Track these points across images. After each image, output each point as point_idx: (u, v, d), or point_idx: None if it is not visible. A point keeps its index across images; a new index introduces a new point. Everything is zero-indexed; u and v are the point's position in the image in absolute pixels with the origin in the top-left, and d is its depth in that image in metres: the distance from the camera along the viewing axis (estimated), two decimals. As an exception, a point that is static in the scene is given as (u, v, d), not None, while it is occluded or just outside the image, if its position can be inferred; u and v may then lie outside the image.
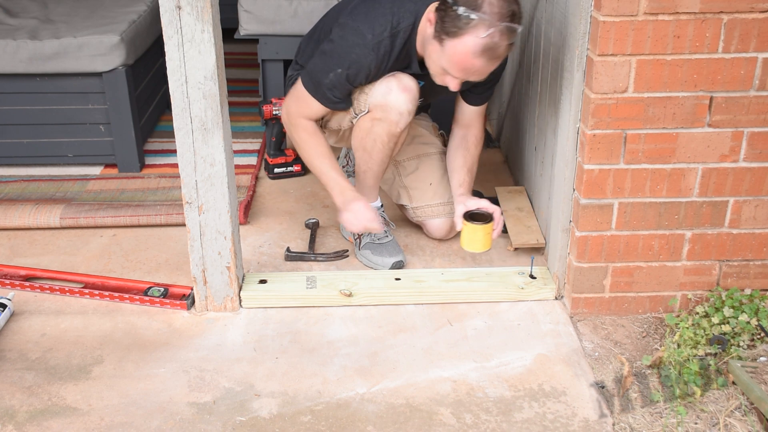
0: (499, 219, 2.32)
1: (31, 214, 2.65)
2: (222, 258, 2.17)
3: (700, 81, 1.95)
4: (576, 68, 2.02)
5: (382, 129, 2.29)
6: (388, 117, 2.26)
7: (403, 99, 2.24)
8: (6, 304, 2.17)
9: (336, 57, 2.22)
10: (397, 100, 2.24)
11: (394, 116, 2.26)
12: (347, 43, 2.20)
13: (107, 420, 1.83)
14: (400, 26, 2.18)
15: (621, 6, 1.86)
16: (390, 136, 2.31)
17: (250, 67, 4.25)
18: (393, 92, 2.24)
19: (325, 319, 2.20)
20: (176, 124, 2.01)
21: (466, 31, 1.96)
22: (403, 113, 2.26)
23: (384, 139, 2.31)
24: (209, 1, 1.89)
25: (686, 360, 1.96)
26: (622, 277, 2.17)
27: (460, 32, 1.97)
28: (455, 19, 1.96)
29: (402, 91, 2.24)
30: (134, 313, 2.23)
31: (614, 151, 2.01)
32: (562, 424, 1.83)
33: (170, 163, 3.17)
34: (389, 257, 2.42)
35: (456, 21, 1.96)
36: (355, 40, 2.18)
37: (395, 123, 2.28)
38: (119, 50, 2.91)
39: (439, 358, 2.05)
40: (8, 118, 2.99)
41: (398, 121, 2.27)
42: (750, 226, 2.12)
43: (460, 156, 2.48)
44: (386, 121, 2.27)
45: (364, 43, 2.17)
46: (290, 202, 2.88)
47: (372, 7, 2.22)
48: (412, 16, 2.18)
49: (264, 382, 1.96)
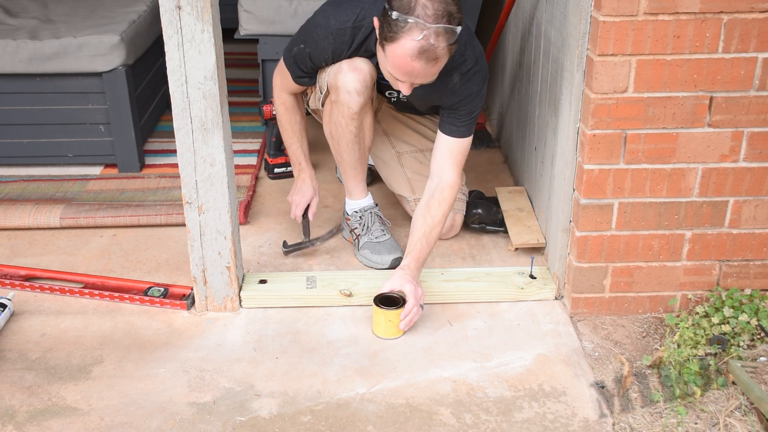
0: (411, 309, 2.09)
1: (31, 214, 2.65)
2: (222, 258, 2.17)
3: (700, 81, 1.95)
4: (576, 68, 2.02)
5: (338, 111, 2.32)
6: (340, 97, 2.29)
7: (352, 78, 2.25)
8: (6, 304, 2.17)
9: (302, 33, 2.32)
10: (345, 79, 2.26)
11: (344, 96, 2.27)
12: (313, 22, 2.29)
13: (107, 420, 1.83)
14: (365, 21, 2.21)
15: (621, 6, 1.86)
16: (346, 118, 2.32)
17: (250, 67, 4.25)
18: (342, 72, 2.27)
19: (325, 319, 2.20)
20: (176, 124, 2.01)
21: (401, 35, 1.95)
22: (351, 92, 2.26)
23: (341, 121, 2.33)
24: (209, 1, 1.89)
25: (686, 360, 1.96)
26: (622, 277, 2.17)
27: (396, 36, 1.96)
28: (392, 24, 1.97)
29: (351, 71, 2.25)
30: (134, 313, 2.23)
31: (614, 151, 2.01)
32: (562, 424, 1.83)
33: (170, 163, 3.17)
34: (388, 254, 2.43)
35: (393, 26, 1.97)
36: (320, 21, 2.26)
37: (346, 104, 2.28)
38: (119, 50, 2.91)
39: (439, 358, 2.05)
40: (8, 118, 2.99)
41: (349, 102, 2.28)
42: (750, 226, 2.12)
43: (420, 217, 2.26)
44: (339, 102, 2.30)
45: (326, 26, 2.24)
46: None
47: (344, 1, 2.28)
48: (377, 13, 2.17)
49: (264, 382, 1.96)
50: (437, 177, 2.30)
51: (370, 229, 2.48)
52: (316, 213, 2.59)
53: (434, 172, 2.32)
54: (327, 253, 2.55)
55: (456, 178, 2.30)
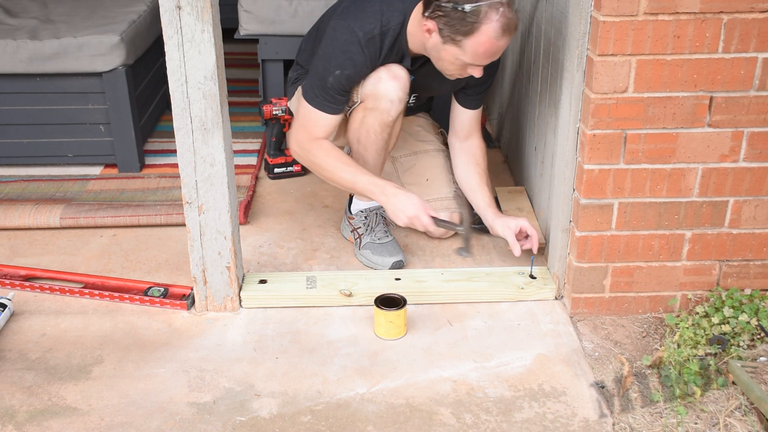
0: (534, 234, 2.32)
1: (31, 214, 2.65)
2: (222, 258, 2.17)
3: (700, 81, 1.95)
4: (576, 68, 2.02)
5: (374, 119, 2.31)
6: (379, 105, 2.28)
7: (393, 86, 2.26)
8: (6, 304, 2.17)
9: (333, 59, 2.23)
10: (386, 87, 2.26)
11: (385, 104, 2.28)
12: (340, 42, 2.22)
13: (107, 420, 1.83)
14: (390, 25, 2.22)
15: (621, 6, 1.86)
16: (382, 125, 2.32)
17: (250, 67, 4.25)
18: (383, 81, 2.26)
19: (325, 319, 2.20)
20: (176, 124, 2.01)
21: (480, 22, 2.02)
22: (393, 101, 2.28)
23: (377, 128, 2.32)
24: (209, 1, 1.89)
25: (686, 360, 1.96)
26: (622, 277, 2.17)
27: (476, 26, 2.03)
28: (463, 18, 2.01)
29: (391, 78, 2.26)
30: (134, 313, 2.23)
31: (614, 151, 2.01)
32: (562, 424, 1.83)
33: (170, 163, 3.17)
34: (389, 257, 2.43)
35: (467, 18, 2.01)
36: (348, 38, 2.21)
37: (386, 111, 2.29)
38: (119, 50, 2.91)
39: (439, 358, 2.05)
40: (8, 118, 2.99)
41: (389, 110, 2.29)
42: (750, 226, 2.12)
43: (474, 173, 2.50)
44: (378, 110, 2.29)
45: (356, 40, 2.20)
46: (290, 202, 2.88)
47: (362, 7, 2.25)
48: (401, 15, 2.22)
49: (264, 382, 1.96)
50: (466, 140, 2.53)
51: (374, 230, 2.48)
52: (316, 213, 2.59)
53: (461, 134, 2.53)
54: (327, 253, 2.55)
55: (481, 140, 2.56)
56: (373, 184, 2.28)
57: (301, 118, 2.32)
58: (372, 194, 2.29)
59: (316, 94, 2.26)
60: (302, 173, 3.08)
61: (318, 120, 2.29)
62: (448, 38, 2.09)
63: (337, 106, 2.29)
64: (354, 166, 2.30)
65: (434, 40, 2.15)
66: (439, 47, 2.15)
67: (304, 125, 2.32)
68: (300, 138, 2.33)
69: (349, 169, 2.29)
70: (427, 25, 2.13)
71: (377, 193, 2.27)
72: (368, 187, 2.28)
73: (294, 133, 2.35)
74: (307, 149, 2.32)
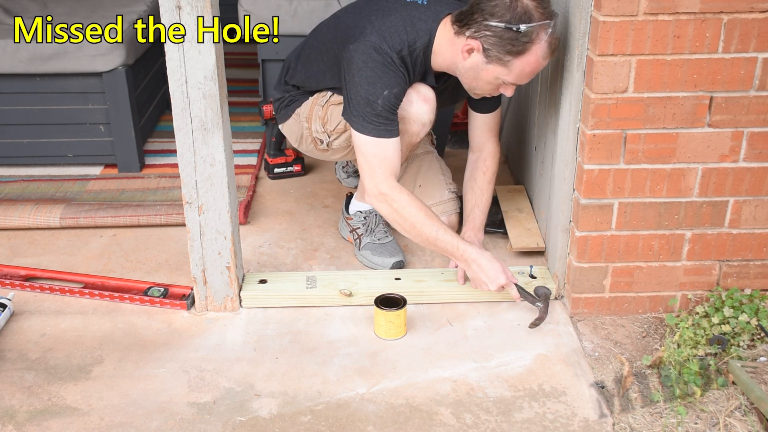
0: None
1: (31, 214, 2.65)
2: (222, 258, 2.17)
3: (700, 81, 1.95)
4: (576, 68, 2.02)
5: (401, 141, 2.24)
6: (410, 129, 2.26)
7: (425, 110, 2.24)
8: (6, 304, 2.17)
9: (377, 81, 2.11)
10: (418, 111, 2.23)
11: (416, 127, 2.26)
12: (376, 63, 2.11)
13: (107, 420, 1.83)
14: (416, 45, 2.16)
15: (621, 6, 1.86)
16: (408, 146, 2.31)
17: (250, 67, 4.25)
18: (414, 104, 2.23)
19: (325, 319, 2.20)
20: (176, 124, 2.01)
21: (532, 42, 2.01)
22: (425, 123, 2.26)
23: (404, 150, 2.29)
24: (209, 1, 1.89)
25: (686, 360, 1.96)
26: (622, 277, 2.17)
27: (527, 46, 2.01)
28: (516, 38, 2.00)
29: (423, 102, 2.23)
30: (134, 313, 2.23)
31: (614, 151, 2.01)
32: (562, 424, 1.83)
33: (170, 163, 3.17)
34: (389, 257, 2.43)
35: (521, 38, 2.00)
36: (382, 58, 2.11)
37: (416, 134, 2.28)
38: (119, 50, 2.91)
39: (439, 358, 2.05)
40: (8, 118, 2.99)
41: (419, 132, 2.28)
42: (750, 226, 2.12)
43: (469, 189, 2.46)
44: (407, 133, 2.26)
45: (390, 60, 2.12)
46: (290, 202, 2.88)
47: (384, 25, 2.16)
48: (426, 35, 2.17)
49: (264, 382, 1.96)
50: (478, 150, 2.47)
51: (374, 230, 2.48)
52: (316, 213, 2.57)
53: (475, 147, 2.48)
54: (327, 252, 2.55)
55: (496, 147, 2.48)
56: (454, 247, 2.18)
57: (369, 158, 2.16)
58: (452, 255, 2.21)
59: (371, 122, 2.13)
60: (302, 173, 3.08)
61: (385, 150, 2.16)
62: (495, 58, 2.05)
63: (393, 127, 2.16)
64: (437, 222, 2.19)
65: (475, 60, 2.09)
66: (480, 67, 2.09)
67: (375, 164, 2.16)
68: (378, 179, 2.16)
69: (431, 223, 2.17)
70: (471, 45, 2.06)
71: (458, 256, 2.19)
72: (449, 248, 2.19)
73: (369, 177, 2.17)
74: (389, 196, 2.16)
